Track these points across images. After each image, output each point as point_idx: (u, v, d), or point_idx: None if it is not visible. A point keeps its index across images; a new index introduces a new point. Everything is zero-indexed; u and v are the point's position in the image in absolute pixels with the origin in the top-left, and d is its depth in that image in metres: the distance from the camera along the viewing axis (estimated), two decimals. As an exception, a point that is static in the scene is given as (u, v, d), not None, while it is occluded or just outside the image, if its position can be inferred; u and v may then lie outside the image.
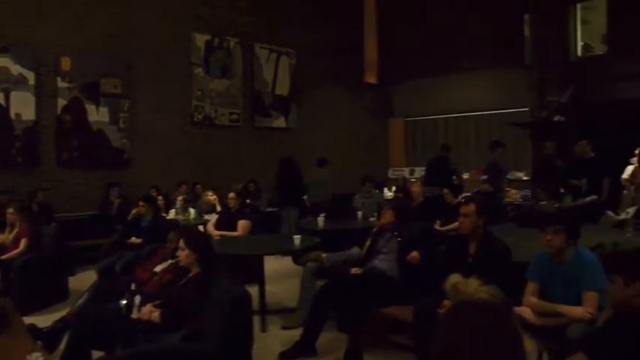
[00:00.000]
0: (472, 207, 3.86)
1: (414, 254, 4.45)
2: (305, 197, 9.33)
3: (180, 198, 8.55)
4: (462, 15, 12.24)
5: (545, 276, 3.47)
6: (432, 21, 12.76)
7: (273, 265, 6.60)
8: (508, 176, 10.44)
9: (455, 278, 2.93)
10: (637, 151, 7.95)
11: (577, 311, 3.18)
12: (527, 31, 11.28)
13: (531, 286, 3.50)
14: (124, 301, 3.87)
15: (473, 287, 2.69)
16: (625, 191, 7.85)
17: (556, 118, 10.09)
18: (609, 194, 7.36)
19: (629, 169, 7.94)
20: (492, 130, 12.46)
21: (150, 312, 3.46)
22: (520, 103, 11.15)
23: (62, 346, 3.73)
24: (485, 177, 8.43)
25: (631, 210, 6.04)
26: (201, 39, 10.54)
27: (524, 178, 11.01)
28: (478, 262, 3.65)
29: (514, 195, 9.76)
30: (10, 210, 6.01)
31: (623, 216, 5.95)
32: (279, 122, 11.88)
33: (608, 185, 7.36)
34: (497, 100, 11.90)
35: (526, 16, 11.17)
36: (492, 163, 8.18)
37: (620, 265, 2.64)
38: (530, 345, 2.40)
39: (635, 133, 8.82)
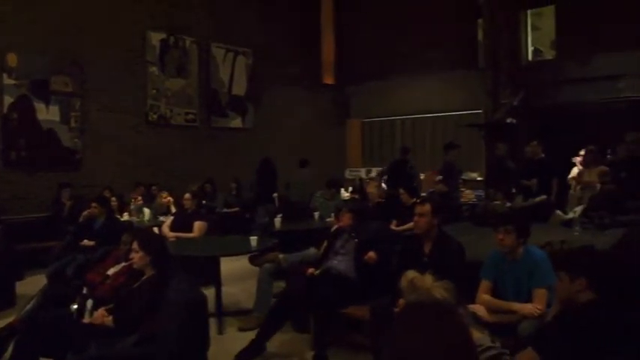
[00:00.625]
0: (427, 207, 3.94)
1: (371, 254, 4.50)
2: (275, 196, 9.36)
3: (137, 199, 8.38)
4: (418, 18, 12.46)
5: (498, 274, 3.57)
6: (390, 23, 12.96)
7: (230, 266, 6.55)
8: (462, 177, 10.67)
9: (411, 274, 2.98)
10: (581, 152, 8.30)
11: (527, 308, 3.28)
12: (480, 36, 11.56)
13: (485, 285, 3.59)
14: (75, 306, 3.78)
15: (428, 283, 2.75)
16: (571, 191, 8.19)
17: (508, 120, 10.38)
18: (558, 194, 7.64)
19: (575, 170, 8.29)
20: (448, 131, 12.71)
21: (102, 316, 3.39)
22: (475, 105, 11.41)
23: (8, 354, 3.60)
24: (440, 177, 8.59)
25: (578, 209, 6.27)
26: (156, 37, 10.36)
27: (478, 179, 11.26)
28: (433, 261, 3.72)
29: (468, 195, 9.97)
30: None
31: (571, 215, 6.17)
32: (236, 122, 11.80)
33: (557, 185, 7.63)
34: (453, 102, 12.15)
35: (479, 21, 11.46)
36: (447, 164, 8.32)
37: (566, 262, 2.74)
38: (478, 334, 2.47)
39: (582, 134, 9.19)
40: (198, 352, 3.20)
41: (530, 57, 11.69)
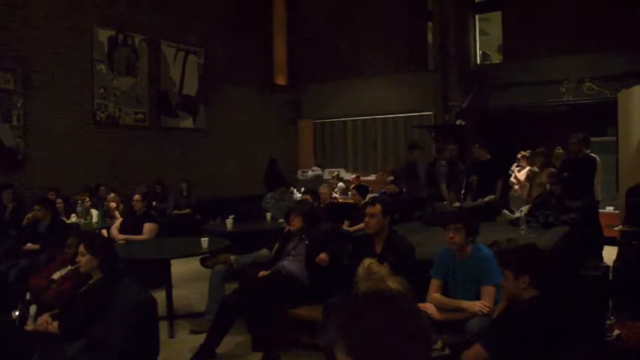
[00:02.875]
0: (378, 207, 3.99)
1: (323, 256, 4.53)
2: None
3: (84, 200, 8.14)
4: (370, 19, 12.62)
5: (448, 273, 3.66)
6: (342, 24, 13.09)
7: (181, 268, 6.48)
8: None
9: (368, 261, 3.03)
10: (519, 155, 8.64)
11: (476, 306, 3.37)
12: (430, 38, 11.81)
13: (435, 283, 3.67)
14: (17, 312, 3.65)
15: (384, 272, 2.80)
16: (512, 192, 8.53)
17: (458, 122, 10.65)
18: (502, 194, 7.90)
19: (518, 170, 8.61)
20: (399, 132, 12.91)
21: (46, 322, 3.29)
22: (425, 106, 11.64)
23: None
24: (391, 178, 8.71)
25: (524, 208, 6.49)
26: (104, 34, 10.09)
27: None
28: (383, 261, 3.77)
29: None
30: None
31: (517, 214, 6.37)
32: (187, 122, 11.63)
33: (502, 185, 7.87)
34: (403, 104, 12.34)
35: (430, 24, 11.70)
36: (409, 164, 8.30)
37: (510, 260, 2.84)
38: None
39: (527, 136, 9.52)
40: (148, 357, 3.14)
41: (478, 61, 12.02)
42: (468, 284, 3.57)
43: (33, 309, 3.57)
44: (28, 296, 4.00)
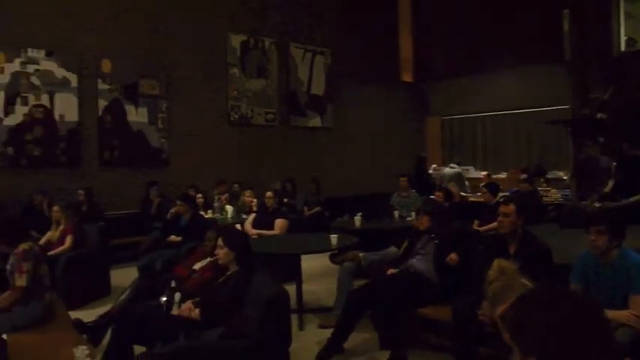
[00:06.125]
0: (512, 207, 3.80)
1: (453, 256, 4.40)
2: None
3: (221, 197, 8.61)
4: (499, 11, 12.04)
5: (590, 278, 3.38)
6: (468, 18, 12.61)
7: (311, 263, 6.61)
8: (548, 175, 10.23)
9: (497, 261, 2.90)
10: None
11: (623, 315, 3.08)
12: (566, 27, 11.00)
13: (574, 289, 3.41)
14: (164, 298, 3.93)
15: (514, 267, 2.67)
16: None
17: (599, 116, 9.83)
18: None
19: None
20: (531, 128, 12.24)
21: (189, 309, 3.50)
22: (561, 100, 10.89)
23: (106, 340, 3.81)
24: (524, 176, 8.26)
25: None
26: (237, 39, 10.64)
27: (564, 178, 10.77)
28: (519, 263, 3.58)
29: (554, 195, 9.53)
30: (56, 208, 6.19)
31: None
32: (315, 122, 11.90)
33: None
34: (536, 98, 11.66)
35: (565, 11, 10.91)
36: (587, 160, 7.63)
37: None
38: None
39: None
40: (280, 348, 3.24)
41: (623, 47, 10.99)
42: (613, 292, 3.26)
43: (177, 296, 3.82)
44: (173, 284, 4.29)
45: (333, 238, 5.30)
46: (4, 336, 3.41)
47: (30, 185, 8.10)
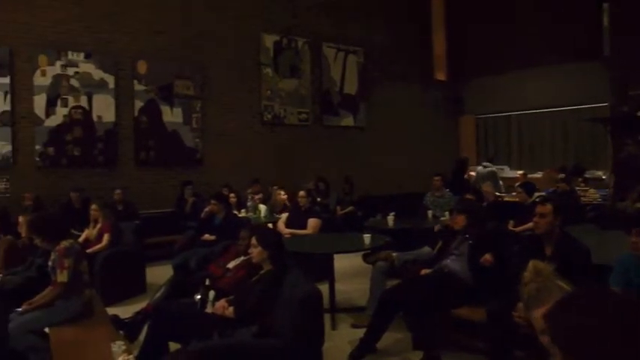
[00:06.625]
0: (549, 207, 3.71)
1: (487, 257, 4.32)
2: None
3: (254, 196, 8.67)
4: (534, 7, 11.80)
5: (632, 281, 3.28)
6: (503, 14, 12.38)
7: (343, 263, 6.60)
8: (586, 175, 9.98)
9: (533, 263, 2.82)
10: None
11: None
12: (606, 21, 10.72)
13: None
14: (198, 296, 3.98)
15: (550, 268, 2.60)
16: None
17: (639, 114, 9.54)
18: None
19: None
20: (568, 126, 11.98)
21: (223, 307, 3.53)
22: (599, 97, 10.62)
23: (142, 336, 3.89)
24: (562, 175, 8.09)
25: None
26: (269, 39, 10.70)
27: (603, 177, 10.50)
28: (555, 264, 3.50)
29: (593, 195, 9.29)
30: (94, 207, 6.33)
31: None
32: (348, 121, 11.88)
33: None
34: (573, 95, 11.39)
35: (605, 5, 10.62)
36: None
37: None
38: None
39: None
40: (313, 347, 3.25)
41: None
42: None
43: (211, 294, 3.87)
44: (207, 282, 4.35)
45: (366, 237, 5.28)
46: (47, 330, 3.52)
47: (69, 184, 8.30)
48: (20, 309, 3.69)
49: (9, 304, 3.81)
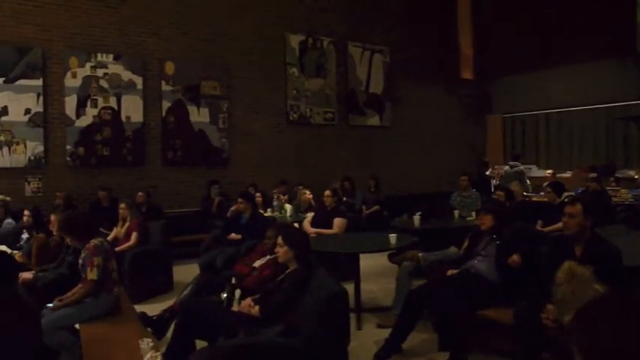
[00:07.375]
0: (578, 207, 3.63)
1: (515, 257, 4.26)
2: None
3: (280, 196, 8.70)
4: (564, 4, 11.59)
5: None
6: (530, 11, 12.19)
7: (369, 263, 6.58)
8: (617, 174, 9.78)
9: (568, 263, 2.73)
10: None
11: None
12: (639, 17, 10.47)
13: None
14: (225, 295, 4.01)
15: (588, 272, 2.50)
16: None
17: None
18: None
19: None
20: (598, 125, 11.75)
21: (249, 306, 3.55)
22: (631, 95, 10.39)
23: (169, 334, 3.93)
24: (593, 175, 7.93)
25: None
26: (295, 39, 10.73)
27: (635, 177, 10.27)
28: (586, 265, 3.44)
29: (624, 195, 9.09)
30: (122, 205, 6.44)
31: None
32: (374, 120, 11.84)
33: None
34: (605, 93, 11.17)
35: (639, 1, 10.38)
36: None
37: None
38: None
39: None
40: (339, 346, 3.24)
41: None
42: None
43: (237, 293, 3.90)
44: (233, 281, 4.38)
45: (392, 237, 5.26)
46: (77, 326, 3.59)
47: (98, 184, 8.46)
48: (51, 305, 3.77)
49: (42, 301, 3.90)
